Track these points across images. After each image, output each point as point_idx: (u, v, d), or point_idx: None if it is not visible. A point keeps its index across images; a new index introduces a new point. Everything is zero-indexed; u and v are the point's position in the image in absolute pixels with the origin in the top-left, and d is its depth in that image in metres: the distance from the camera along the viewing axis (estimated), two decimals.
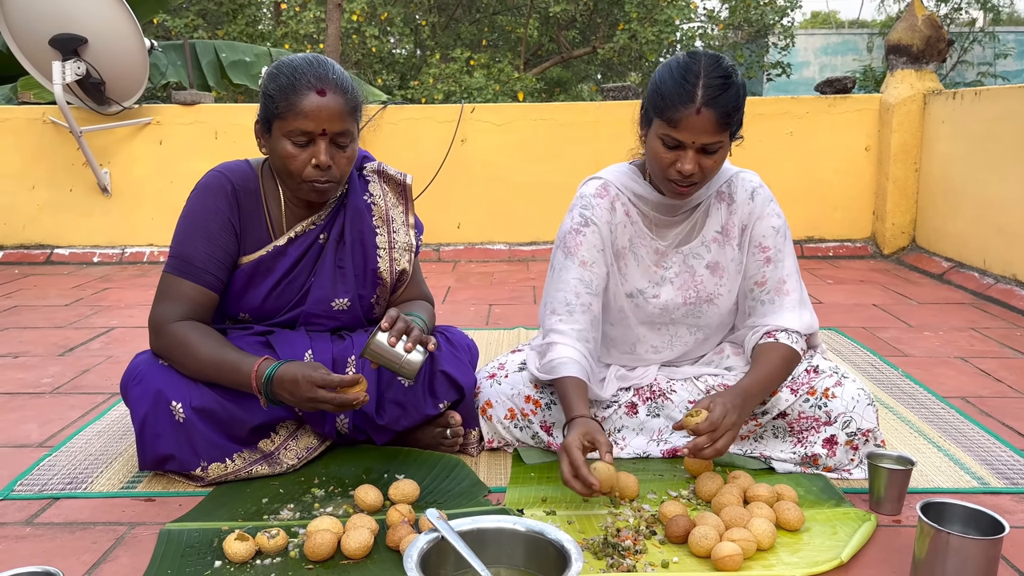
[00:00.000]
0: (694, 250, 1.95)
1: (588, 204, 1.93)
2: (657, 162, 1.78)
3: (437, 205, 4.84)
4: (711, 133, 1.70)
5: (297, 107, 1.72)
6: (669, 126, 1.72)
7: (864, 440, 1.85)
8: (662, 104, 1.72)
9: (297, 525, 1.64)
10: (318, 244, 1.93)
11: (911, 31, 4.68)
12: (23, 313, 3.60)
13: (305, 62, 1.76)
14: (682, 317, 1.98)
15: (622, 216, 1.93)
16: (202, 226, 1.82)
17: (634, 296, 1.96)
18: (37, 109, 4.86)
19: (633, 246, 1.95)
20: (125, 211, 4.93)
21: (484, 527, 1.42)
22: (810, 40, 18.19)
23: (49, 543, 1.63)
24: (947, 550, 1.38)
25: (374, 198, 1.97)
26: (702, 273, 1.95)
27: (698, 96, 1.68)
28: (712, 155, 1.75)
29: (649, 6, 11.21)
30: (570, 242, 1.92)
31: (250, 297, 1.90)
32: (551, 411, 1.96)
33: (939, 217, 4.48)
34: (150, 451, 1.81)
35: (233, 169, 1.88)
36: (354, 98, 1.79)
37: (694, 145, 1.72)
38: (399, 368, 1.70)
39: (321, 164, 1.75)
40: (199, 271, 1.81)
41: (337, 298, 1.94)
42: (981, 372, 2.69)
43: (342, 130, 1.76)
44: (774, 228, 1.93)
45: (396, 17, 11.69)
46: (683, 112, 1.69)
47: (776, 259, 1.92)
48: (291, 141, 1.75)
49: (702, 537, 1.51)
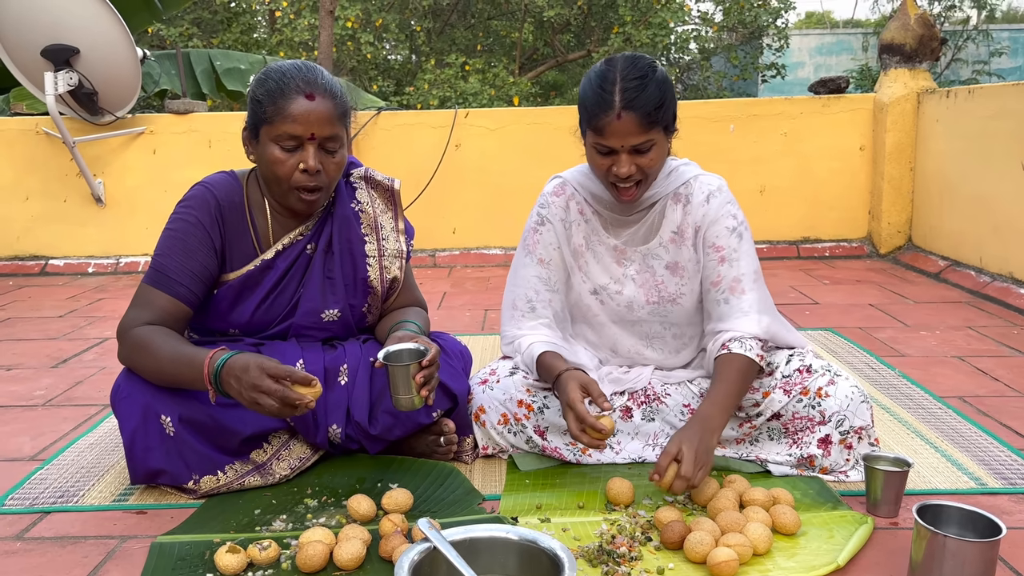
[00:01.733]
0: (652, 250, 1.96)
1: (545, 202, 1.98)
2: (596, 169, 1.83)
3: (432, 210, 4.84)
4: (636, 134, 1.73)
5: (285, 111, 1.71)
6: (596, 135, 1.76)
7: (858, 438, 1.84)
8: (587, 114, 1.77)
9: (289, 536, 1.63)
10: (306, 255, 1.91)
11: (904, 30, 4.68)
12: (16, 325, 3.59)
13: (294, 67, 1.76)
14: (649, 316, 1.98)
15: (576, 215, 1.97)
16: (180, 239, 1.80)
17: (598, 292, 1.98)
18: (30, 120, 4.86)
19: (590, 244, 1.98)
20: (119, 221, 4.92)
21: (476, 536, 1.41)
22: (804, 40, 18.20)
23: (40, 558, 1.61)
24: (944, 553, 1.37)
25: (362, 205, 1.95)
26: (662, 273, 1.96)
27: (616, 102, 1.71)
28: (646, 154, 1.77)
29: (643, 9, 11.23)
30: (529, 240, 1.99)
31: (238, 312, 1.88)
32: (544, 415, 1.95)
33: (935, 216, 4.48)
34: (140, 466, 1.79)
35: (217, 183, 1.86)
36: (343, 103, 1.78)
37: (624, 148, 1.75)
38: (399, 399, 1.70)
39: (310, 168, 1.73)
40: (172, 282, 1.78)
41: (327, 309, 1.92)
42: (978, 371, 2.68)
43: (331, 135, 1.75)
44: (728, 228, 1.90)
45: (391, 23, 11.69)
46: (605, 119, 1.72)
47: (730, 258, 1.89)
48: (279, 146, 1.74)
49: (698, 543, 1.50)
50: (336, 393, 1.89)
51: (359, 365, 1.91)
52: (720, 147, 4.81)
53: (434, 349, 1.72)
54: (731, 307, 1.88)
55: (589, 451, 1.96)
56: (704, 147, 4.60)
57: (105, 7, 4.35)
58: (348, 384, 1.90)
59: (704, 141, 4.75)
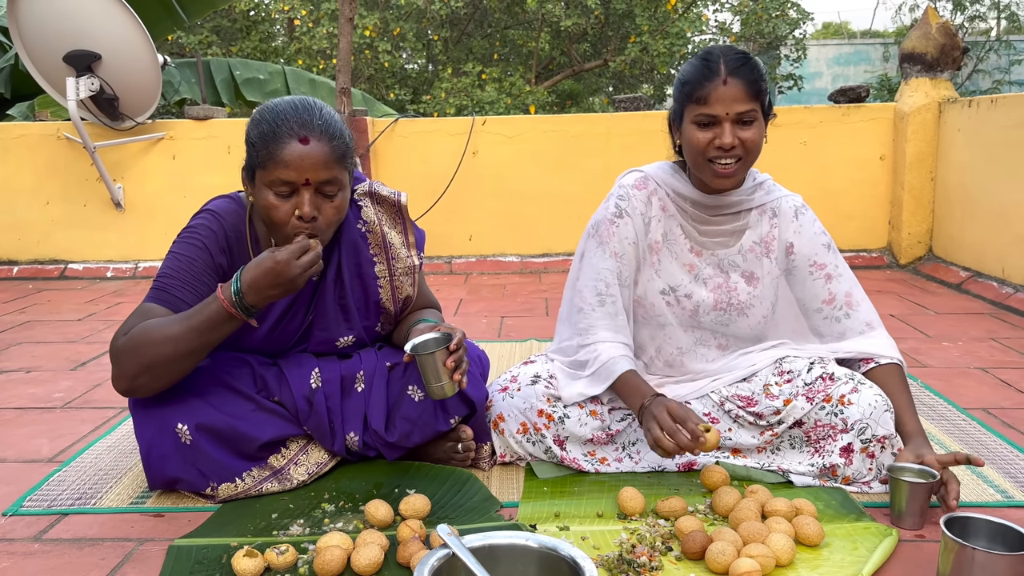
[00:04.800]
0: (730, 257, 1.96)
1: (625, 195, 1.95)
2: (696, 147, 1.82)
3: (449, 217, 4.84)
4: (742, 101, 1.76)
5: (277, 156, 1.62)
6: (700, 105, 1.78)
7: (880, 448, 1.81)
8: (690, 89, 1.80)
9: (307, 541, 1.62)
10: (311, 282, 1.87)
11: (925, 39, 4.64)
12: (36, 328, 3.61)
13: (290, 107, 1.67)
14: (711, 323, 1.96)
15: (658, 210, 1.95)
16: (187, 261, 1.74)
17: (667, 293, 1.95)
18: (51, 125, 4.90)
19: (668, 241, 1.95)
20: (138, 226, 4.95)
21: (496, 543, 1.39)
22: (822, 51, 18.16)
23: (57, 559, 1.61)
24: (972, 566, 1.34)
25: (368, 225, 1.88)
26: (736, 280, 1.95)
27: (722, 69, 1.77)
28: (749, 126, 1.79)
29: (661, 19, 11.22)
30: (604, 231, 1.94)
31: (248, 340, 1.86)
32: (564, 425, 1.93)
33: (956, 226, 4.43)
34: (157, 474, 1.78)
35: (223, 211, 1.82)
36: (342, 144, 1.69)
37: (728, 116, 1.77)
38: (431, 387, 1.71)
39: (304, 216, 1.64)
40: (175, 300, 1.71)
41: (341, 337, 1.91)
42: (1002, 383, 2.64)
43: (328, 179, 1.66)
44: (824, 245, 1.97)
45: (408, 32, 11.74)
46: (710, 87, 1.76)
47: (836, 274, 1.95)
48: (273, 192, 1.65)
49: (719, 553, 1.48)
50: (353, 400, 1.88)
51: (375, 372, 1.90)
52: None
53: (459, 332, 1.72)
54: (853, 321, 1.93)
55: (608, 462, 1.94)
56: None
57: (128, 14, 4.39)
58: (364, 391, 1.89)
59: None
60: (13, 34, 4.46)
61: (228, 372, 1.82)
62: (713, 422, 1.93)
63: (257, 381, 1.85)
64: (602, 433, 1.93)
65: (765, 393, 1.90)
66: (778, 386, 1.90)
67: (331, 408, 1.86)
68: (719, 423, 1.93)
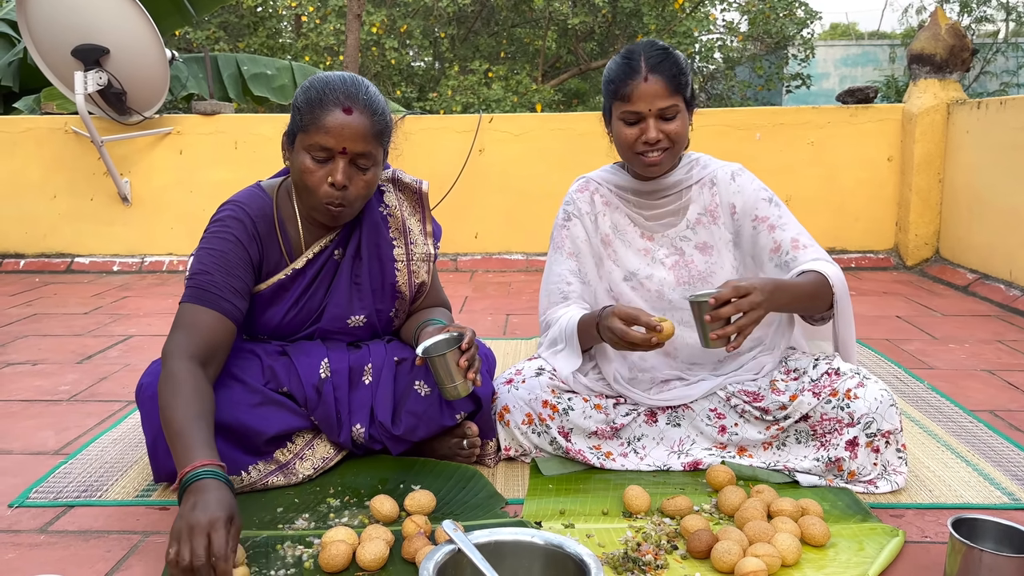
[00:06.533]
0: (680, 233, 2.01)
1: (571, 199, 2.07)
2: (624, 143, 1.89)
3: (455, 215, 4.83)
4: (663, 97, 1.83)
5: (320, 121, 1.68)
6: (624, 102, 1.85)
7: (885, 443, 1.81)
8: (614, 88, 1.87)
9: (312, 535, 1.62)
10: (333, 260, 1.90)
11: (934, 40, 4.63)
12: (43, 321, 3.62)
13: (339, 79, 1.73)
14: (680, 300, 1.98)
15: (601, 205, 2.05)
16: (220, 256, 1.75)
17: (629, 279, 2.01)
18: (59, 119, 4.91)
19: (619, 231, 2.03)
20: (145, 220, 4.96)
21: (502, 539, 1.39)
22: (830, 51, 18.09)
23: (63, 551, 1.61)
24: (980, 568, 1.34)
25: (390, 209, 1.94)
26: (691, 254, 2.00)
27: (642, 67, 1.83)
28: (672, 120, 1.85)
29: (668, 18, 11.20)
30: (558, 237, 2.07)
31: (267, 318, 1.88)
32: (568, 416, 1.93)
33: (963, 228, 4.41)
34: (163, 466, 1.79)
35: (248, 199, 1.84)
36: (382, 121, 1.74)
37: (651, 112, 1.84)
38: (446, 388, 1.73)
39: (337, 183, 1.70)
40: (217, 298, 1.71)
41: (353, 315, 1.92)
42: (1009, 385, 2.63)
43: (364, 151, 1.71)
44: (765, 200, 1.98)
45: (415, 29, 11.74)
46: (633, 85, 1.83)
47: (779, 224, 1.95)
48: (311, 156, 1.71)
49: (725, 552, 1.48)
50: (360, 393, 1.89)
51: (383, 365, 1.91)
52: (746, 155, 4.76)
53: (470, 332, 1.73)
54: (799, 260, 1.89)
55: (614, 456, 1.94)
56: (730, 155, 4.49)
57: (136, 8, 4.39)
58: (372, 384, 1.89)
59: (730, 149, 4.71)
60: (22, 28, 4.47)
61: (236, 364, 1.82)
62: (720, 417, 1.94)
63: (265, 372, 1.85)
64: (606, 427, 1.94)
65: (771, 389, 1.90)
66: (784, 382, 1.90)
67: (339, 399, 1.86)
68: (726, 418, 1.93)
